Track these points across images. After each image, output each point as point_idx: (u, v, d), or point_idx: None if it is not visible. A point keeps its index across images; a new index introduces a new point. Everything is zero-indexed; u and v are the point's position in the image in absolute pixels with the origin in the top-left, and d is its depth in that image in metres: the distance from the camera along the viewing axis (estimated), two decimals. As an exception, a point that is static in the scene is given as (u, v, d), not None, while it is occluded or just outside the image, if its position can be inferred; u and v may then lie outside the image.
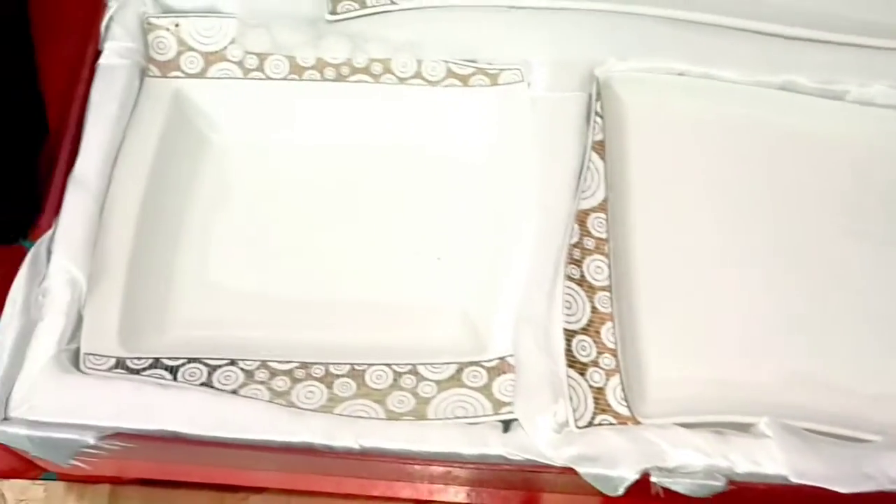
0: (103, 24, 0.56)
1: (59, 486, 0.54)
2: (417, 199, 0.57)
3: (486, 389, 0.49)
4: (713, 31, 0.59)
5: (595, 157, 0.54)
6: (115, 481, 0.54)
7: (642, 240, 0.54)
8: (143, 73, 0.56)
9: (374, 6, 0.58)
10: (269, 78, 0.57)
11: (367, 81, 0.58)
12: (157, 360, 0.48)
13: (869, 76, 0.58)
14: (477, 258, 0.55)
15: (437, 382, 0.49)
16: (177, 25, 0.57)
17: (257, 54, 0.57)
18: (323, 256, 0.55)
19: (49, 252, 0.49)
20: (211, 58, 0.57)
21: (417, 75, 0.58)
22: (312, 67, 0.58)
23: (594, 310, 0.50)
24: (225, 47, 0.57)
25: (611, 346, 0.50)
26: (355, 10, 0.58)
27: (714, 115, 0.58)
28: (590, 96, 0.57)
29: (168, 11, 0.58)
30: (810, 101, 0.58)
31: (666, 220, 0.55)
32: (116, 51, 0.55)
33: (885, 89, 0.58)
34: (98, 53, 0.56)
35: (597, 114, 0.56)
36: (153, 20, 0.57)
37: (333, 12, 0.58)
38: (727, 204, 0.55)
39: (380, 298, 0.54)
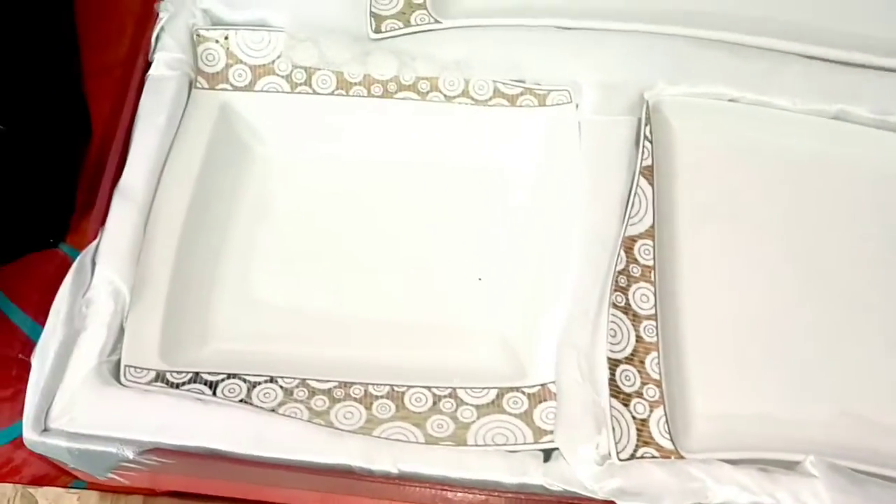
0: (154, 34, 0.56)
1: (92, 495, 0.54)
2: (461, 218, 0.57)
3: (526, 416, 0.48)
4: (767, 57, 0.58)
5: (643, 182, 0.54)
6: (148, 493, 0.54)
7: (689, 268, 0.53)
8: (192, 85, 0.56)
9: (418, 25, 0.58)
10: (315, 92, 0.57)
11: (413, 99, 0.57)
12: (196, 374, 0.48)
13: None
14: (519, 280, 0.54)
15: (477, 407, 0.48)
16: (226, 38, 0.57)
17: (305, 69, 0.57)
18: (365, 273, 0.55)
19: (94, 263, 0.49)
20: (259, 71, 0.57)
21: (464, 94, 0.57)
22: (359, 83, 0.57)
23: (639, 339, 0.49)
24: (273, 61, 0.57)
25: (655, 376, 0.49)
26: (399, 28, 0.58)
27: (765, 143, 0.57)
28: (639, 120, 0.56)
29: (218, 24, 0.58)
30: (866, 132, 0.57)
31: (714, 248, 0.54)
32: (166, 62, 0.55)
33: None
34: (148, 64, 0.56)
35: (646, 138, 0.55)
36: (203, 32, 0.57)
37: (378, 31, 0.58)
38: (777, 234, 0.54)
39: (420, 317, 0.54)
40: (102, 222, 0.50)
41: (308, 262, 0.55)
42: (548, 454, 0.47)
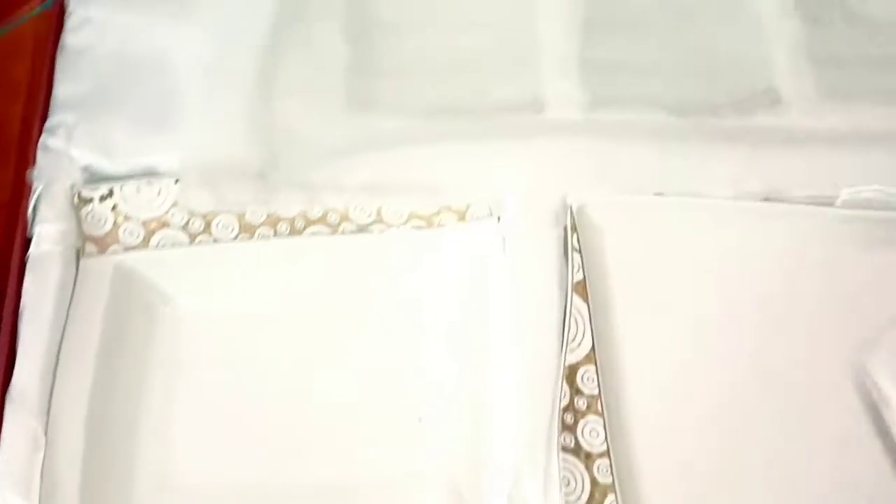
0: (30, 208, 0.51)
1: None
2: (391, 356, 0.53)
3: (481, 587, 0.45)
4: (691, 145, 0.55)
5: (577, 300, 0.51)
6: None
7: (637, 390, 0.50)
8: (80, 254, 0.51)
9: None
10: (217, 240, 0.53)
11: (323, 233, 0.53)
12: None
13: (858, 180, 0.54)
14: (461, 417, 0.51)
15: (429, 582, 0.45)
16: (111, 195, 0.52)
17: (203, 216, 0.53)
18: (291, 433, 0.51)
19: (-9, 484, 0.45)
20: (152, 226, 0.53)
21: (378, 220, 0.54)
22: (264, 223, 0.53)
23: (594, 482, 0.47)
24: (166, 212, 0.53)
25: (615, 522, 0.46)
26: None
27: (700, 235, 0.54)
28: (565, 229, 0.53)
29: (100, 180, 0.53)
30: (798, 211, 0.54)
31: (659, 362, 0.51)
32: (47, 236, 0.51)
33: (875, 192, 0.54)
34: (27, 241, 0.51)
35: (574, 249, 0.52)
36: (84, 193, 0.52)
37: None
38: (727, 335, 0.52)
39: (361, 474, 0.50)
40: (-4, 435, 0.46)
41: (231, 431, 0.50)
42: None
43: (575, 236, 0.52)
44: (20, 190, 0.54)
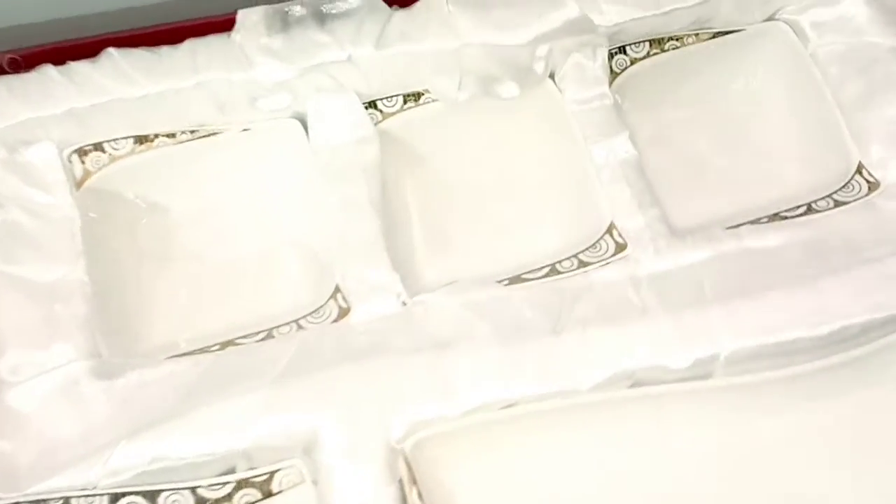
0: None
1: None
2: None
3: None
4: (534, 320, 0.45)
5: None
6: None
7: None
8: None
9: None
10: None
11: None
12: None
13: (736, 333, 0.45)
14: None
15: None
16: None
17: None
18: None
19: None
20: None
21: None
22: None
23: None
24: None
25: None
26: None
27: (571, 448, 0.43)
28: (401, 483, 0.41)
29: None
30: (672, 391, 0.44)
31: None
32: None
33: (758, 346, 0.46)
34: None
35: (423, 511, 0.40)
36: None
37: None
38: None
39: None
40: None
41: None
42: None
43: (415, 491, 0.41)
44: None
